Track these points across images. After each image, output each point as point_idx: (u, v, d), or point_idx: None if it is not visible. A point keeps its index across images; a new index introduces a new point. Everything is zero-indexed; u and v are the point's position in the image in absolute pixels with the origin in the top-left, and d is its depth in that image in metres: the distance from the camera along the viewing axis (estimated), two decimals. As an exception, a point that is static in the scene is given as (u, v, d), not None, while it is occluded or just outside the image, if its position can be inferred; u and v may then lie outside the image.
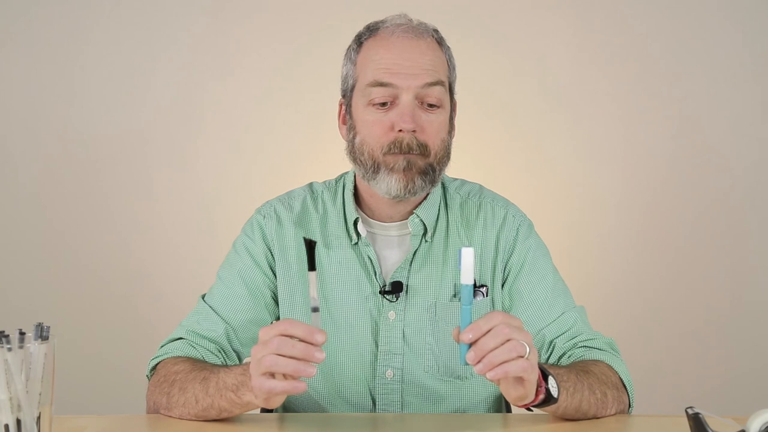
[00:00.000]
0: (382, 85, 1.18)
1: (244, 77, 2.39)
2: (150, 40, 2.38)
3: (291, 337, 0.93)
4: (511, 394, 0.99)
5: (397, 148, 1.17)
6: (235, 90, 2.39)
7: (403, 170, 1.17)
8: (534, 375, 0.97)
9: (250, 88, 2.39)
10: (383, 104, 1.18)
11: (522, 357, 0.93)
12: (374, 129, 1.19)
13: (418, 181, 1.18)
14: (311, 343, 0.92)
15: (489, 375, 0.93)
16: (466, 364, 0.94)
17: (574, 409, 1.08)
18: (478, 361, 0.93)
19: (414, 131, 1.17)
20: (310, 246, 0.95)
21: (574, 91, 2.38)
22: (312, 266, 0.95)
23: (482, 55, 2.33)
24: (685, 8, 2.36)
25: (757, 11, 2.36)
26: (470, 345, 0.94)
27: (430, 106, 1.19)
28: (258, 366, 0.94)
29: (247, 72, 2.39)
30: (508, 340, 0.93)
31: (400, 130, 1.17)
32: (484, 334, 0.93)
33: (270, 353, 0.92)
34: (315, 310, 0.95)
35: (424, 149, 1.18)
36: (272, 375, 0.94)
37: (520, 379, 0.96)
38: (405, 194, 1.19)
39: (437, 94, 1.19)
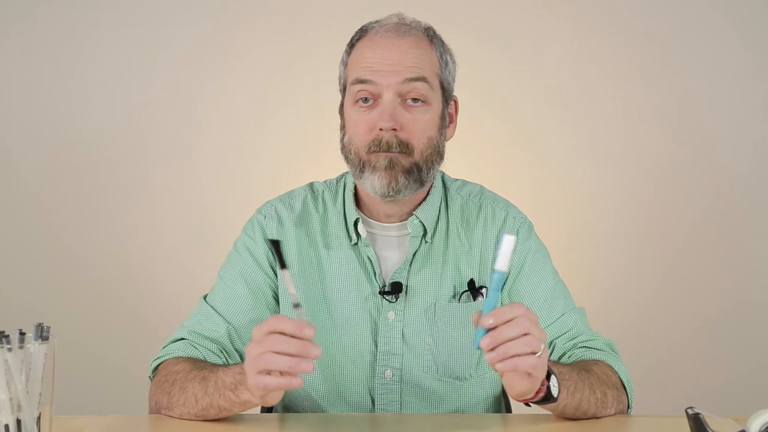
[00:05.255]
0: (362, 82, 1.19)
1: (243, 77, 2.39)
2: (150, 40, 2.38)
3: (283, 333, 0.93)
4: (514, 387, 0.99)
5: (376, 146, 1.18)
6: (235, 90, 2.39)
7: (385, 168, 1.18)
8: (542, 373, 0.97)
9: (249, 88, 2.39)
10: (366, 100, 1.19)
11: (535, 354, 0.93)
12: (358, 128, 1.20)
13: (402, 180, 1.18)
14: (301, 338, 0.92)
15: (498, 366, 0.92)
16: (479, 348, 0.93)
17: (574, 408, 1.08)
18: (492, 349, 0.92)
19: (395, 129, 1.17)
20: (275, 245, 0.95)
21: (574, 91, 2.38)
22: (282, 264, 0.95)
23: (482, 55, 2.33)
24: (685, 8, 2.36)
25: (757, 11, 2.36)
26: (488, 331, 0.93)
27: (414, 101, 1.19)
28: (254, 364, 0.94)
29: (246, 72, 2.39)
30: (526, 334, 0.93)
31: (381, 129, 1.17)
32: (505, 323, 0.93)
33: (266, 351, 0.93)
34: (296, 306, 0.96)
35: (405, 147, 1.18)
36: (268, 372, 0.94)
37: (527, 374, 0.97)
38: (389, 192, 1.19)
39: (420, 89, 1.19)
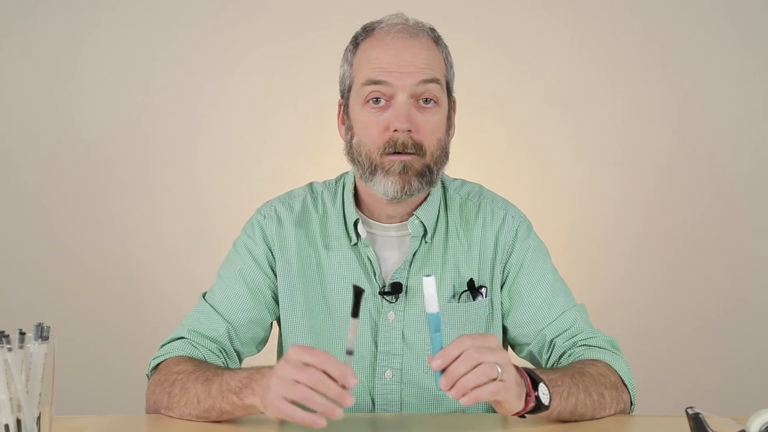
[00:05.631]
0: (377, 83, 1.18)
1: (243, 77, 2.39)
2: (150, 40, 2.38)
3: (327, 373, 0.91)
4: (497, 408, 1.00)
5: (391, 147, 1.17)
6: (235, 90, 2.39)
7: (399, 173, 1.18)
8: (509, 394, 0.96)
9: (249, 88, 2.39)
10: (377, 101, 1.18)
11: (494, 380, 0.93)
12: (370, 130, 1.19)
13: (415, 183, 1.19)
14: (343, 385, 0.91)
15: (462, 401, 0.92)
16: (441, 389, 0.93)
17: (569, 412, 1.08)
18: (451, 387, 0.92)
19: (409, 131, 1.17)
20: (357, 293, 0.93)
21: (574, 91, 2.38)
22: (356, 313, 0.93)
23: (482, 55, 2.33)
24: (685, 8, 2.36)
25: (757, 11, 2.36)
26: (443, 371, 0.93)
27: (426, 102, 1.19)
28: (285, 389, 0.93)
29: (246, 72, 2.39)
30: (479, 364, 0.92)
31: (395, 130, 1.17)
32: (454, 360, 0.92)
33: (304, 385, 0.91)
34: (350, 353, 0.93)
35: (419, 149, 1.18)
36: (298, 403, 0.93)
37: (495, 401, 0.97)
38: (402, 196, 1.19)
39: (433, 90, 1.19)
